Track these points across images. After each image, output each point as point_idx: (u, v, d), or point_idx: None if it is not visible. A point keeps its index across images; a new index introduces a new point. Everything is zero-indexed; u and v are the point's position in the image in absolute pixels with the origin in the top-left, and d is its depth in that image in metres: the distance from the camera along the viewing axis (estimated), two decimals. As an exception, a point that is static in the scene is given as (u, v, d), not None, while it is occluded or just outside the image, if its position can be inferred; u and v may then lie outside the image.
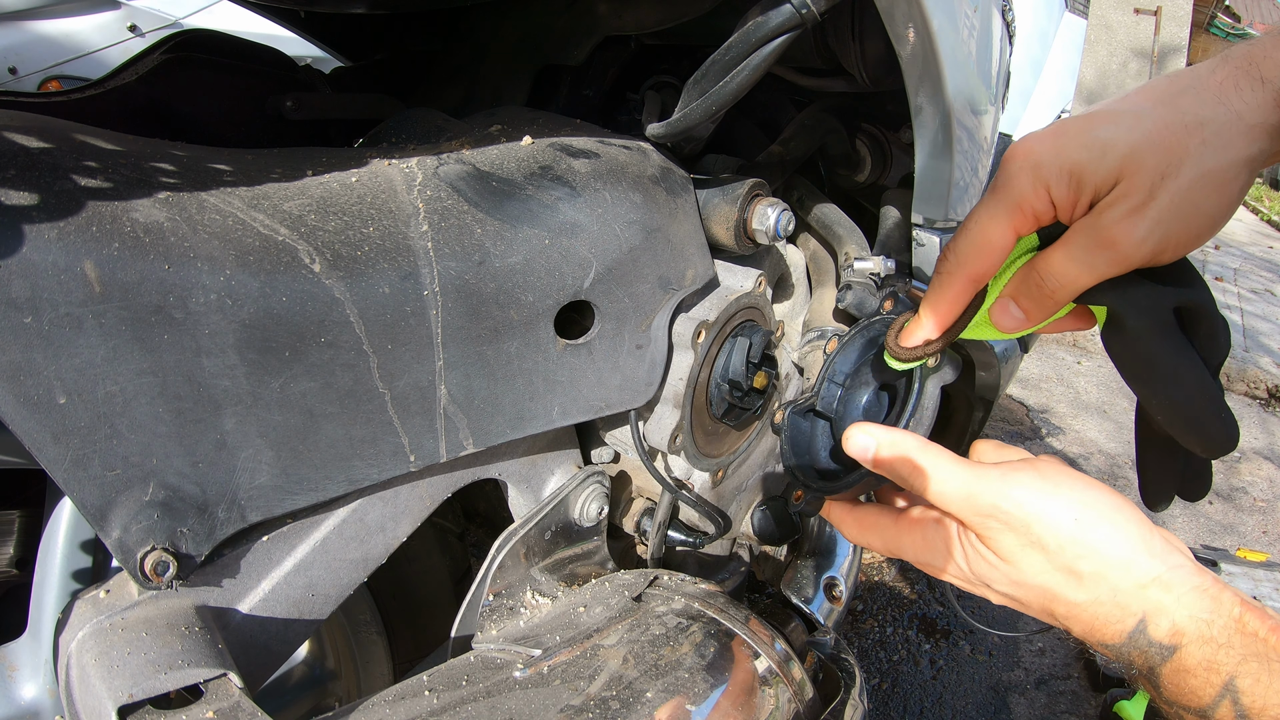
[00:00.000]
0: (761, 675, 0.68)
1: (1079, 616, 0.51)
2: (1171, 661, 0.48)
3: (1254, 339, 4.36)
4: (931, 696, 1.84)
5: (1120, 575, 0.49)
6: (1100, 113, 0.48)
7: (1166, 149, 0.45)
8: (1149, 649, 0.49)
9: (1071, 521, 0.50)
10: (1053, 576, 0.51)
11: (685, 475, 0.89)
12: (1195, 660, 0.47)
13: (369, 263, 0.56)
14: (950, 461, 0.54)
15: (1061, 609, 0.52)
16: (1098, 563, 0.50)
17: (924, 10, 0.68)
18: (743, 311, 0.84)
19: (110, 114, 0.81)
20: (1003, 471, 0.52)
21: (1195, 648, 0.47)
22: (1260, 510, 2.76)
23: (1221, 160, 0.45)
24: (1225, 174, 0.45)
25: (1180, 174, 0.45)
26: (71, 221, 0.44)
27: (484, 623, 0.72)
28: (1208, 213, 0.46)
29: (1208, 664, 0.46)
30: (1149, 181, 0.45)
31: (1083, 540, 0.50)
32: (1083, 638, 0.52)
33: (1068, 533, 0.50)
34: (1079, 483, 0.52)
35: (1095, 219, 0.47)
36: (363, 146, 0.80)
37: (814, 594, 1.01)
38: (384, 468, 0.60)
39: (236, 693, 0.51)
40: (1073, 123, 0.48)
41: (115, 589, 0.54)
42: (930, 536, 0.57)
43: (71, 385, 0.44)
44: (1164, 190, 0.45)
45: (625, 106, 1.07)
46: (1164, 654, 0.48)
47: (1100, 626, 0.50)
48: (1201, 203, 0.46)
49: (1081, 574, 0.50)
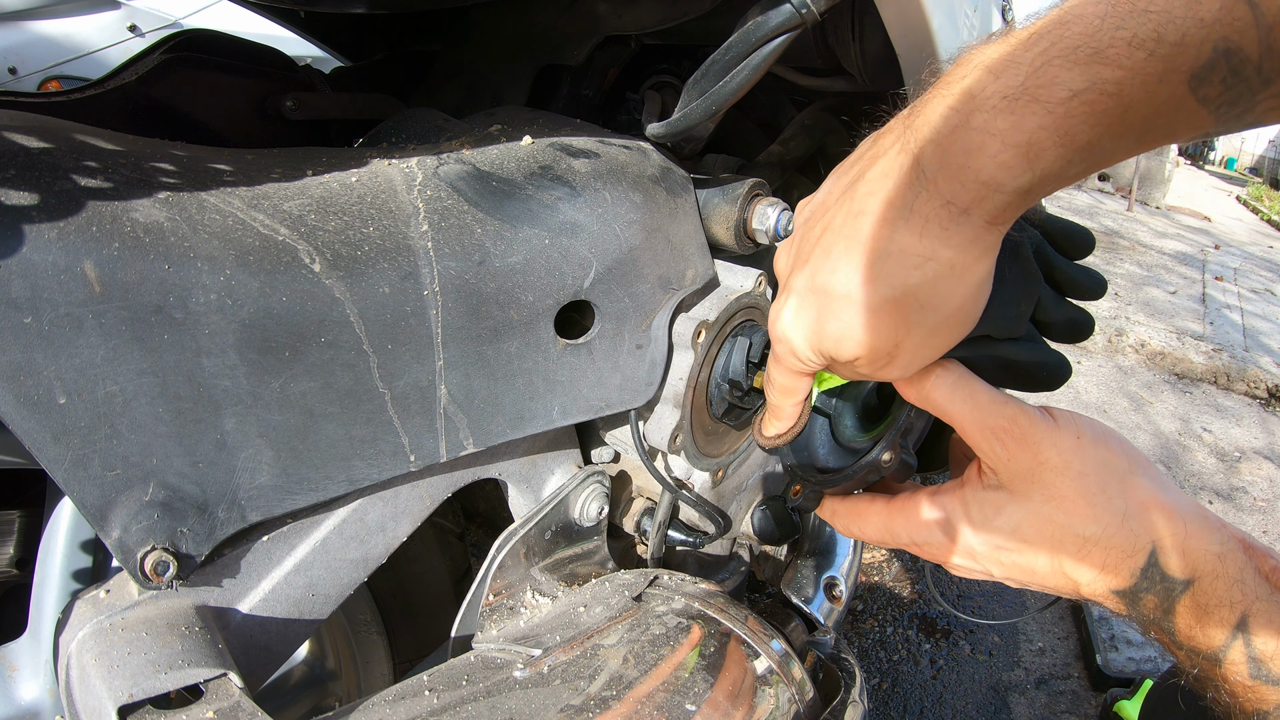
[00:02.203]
0: (761, 675, 0.68)
1: (1089, 557, 0.50)
2: (1185, 598, 0.47)
3: (1254, 339, 4.36)
4: (931, 696, 1.84)
5: (1127, 496, 0.49)
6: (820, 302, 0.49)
7: (890, 329, 0.47)
8: (1162, 586, 0.47)
9: (1074, 439, 0.50)
10: (1063, 509, 0.50)
11: (685, 475, 0.89)
12: (1209, 596, 0.46)
13: (369, 262, 0.56)
14: (973, 378, 0.54)
15: (1072, 551, 0.50)
16: (1104, 478, 0.49)
17: (924, 10, 0.68)
18: (743, 311, 0.84)
19: (110, 114, 0.81)
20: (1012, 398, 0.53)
21: (1208, 583, 0.46)
22: (1260, 510, 2.76)
23: (947, 311, 0.46)
24: (957, 316, 0.46)
25: (912, 337, 0.47)
26: (71, 221, 0.44)
27: (484, 623, 0.73)
28: (960, 332, 0.48)
29: (1221, 601, 0.46)
30: (886, 354, 0.48)
31: (1089, 456, 0.50)
32: (1091, 590, 0.51)
33: (1071, 448, 0.50)
34: (1080, 415, 0.53)
35: (859, 370, 0.51)
36: (363, 146, 0.80)
37: (814, 594, 1.01)
38: (384, 468, 0.60)
39: (236, 693, 0.51)
40: (805, 306, 0.50)
41: (115, 589, 0.54)
42: (927, 513, 0.56)
43: (71, 385, 0.44)
44: (902, 351, 0.48)
45: (625, 106, 1.07)
46: (1178, 591, 0.47)
47: (1112, 565, 0.49)
48: (947, 336, 0.48)
49: (1090, 497, 0.49)
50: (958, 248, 0.43)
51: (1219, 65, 0.34)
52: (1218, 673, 0.47)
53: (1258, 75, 0.35)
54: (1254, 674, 0.45)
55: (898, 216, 0.44)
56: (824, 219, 0.50)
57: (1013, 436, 0.51)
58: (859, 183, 0.47)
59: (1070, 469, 0.50)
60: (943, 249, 0.43)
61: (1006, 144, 0.38)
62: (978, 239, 0.43)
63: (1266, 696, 0.45)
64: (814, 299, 0.50)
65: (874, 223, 0.45)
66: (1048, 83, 0.37)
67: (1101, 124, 0.37)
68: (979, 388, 0.53)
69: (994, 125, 0.38)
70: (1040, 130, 0.37)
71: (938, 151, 0.41)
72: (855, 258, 0.46)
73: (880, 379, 0.52)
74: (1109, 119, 0.36)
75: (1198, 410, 3.51)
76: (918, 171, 0.42)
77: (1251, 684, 0.46)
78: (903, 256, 0.44)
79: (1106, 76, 0.36)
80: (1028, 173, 0.39)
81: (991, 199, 0.40)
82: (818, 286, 0.49)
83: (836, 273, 0.48)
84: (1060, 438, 0.51)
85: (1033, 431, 0.51)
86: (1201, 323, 4.51)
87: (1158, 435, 3.22)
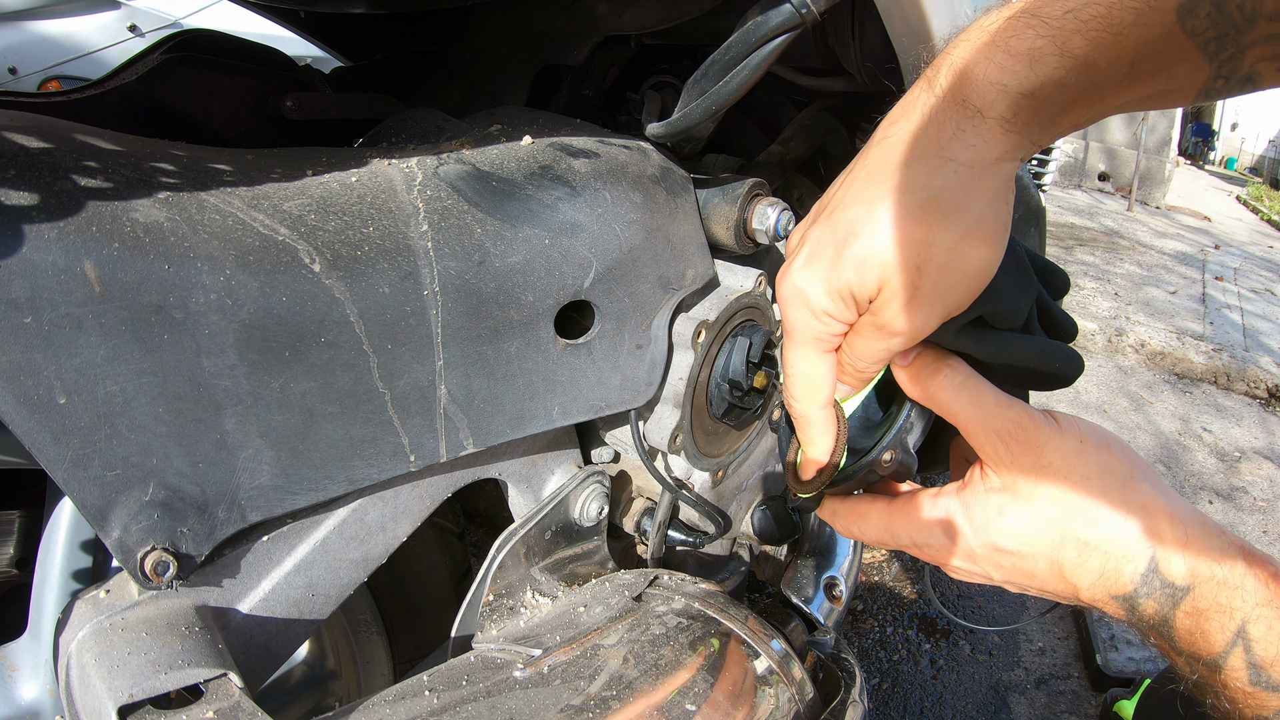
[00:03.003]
0: (761, 675, 0.68)
1: (1089, 562, 0.49)
2: (1185, 604, 0.47)
3: (1254, 339, 4.36)
4: (931, 696, 1.84)
5: (1128, 501, 0.49)
6: (845, 229, 0.48)
7: (914, 243, 0.46)
8: (1162, 592, 0.47)
9: (1077, 442, 0.50)
10: (1065, 513, 0.50)
11: (685, 475, 0.89)
12: (1208, 602, 0.46)
13: (369, 263, 0.56)
14: (980, 379, 0.54)
15: (1072, 555, 0.50)
16: (1106, 483, 0.49)
17: (923, 10, 0.68)
18: (743, 311, 0.84)
19: (110, 114, 0.81)
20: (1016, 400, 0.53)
21: (1208, 589, 0.46)
22: (1260, 510, 2.76)
23: (969, 220, 0.45)
24: (978, 228, 0.46)
25: (935, 256, 0.46)
26: (71, 221, 0.44)
27: (484, 623, 0.73)
28: (979, 266, 0.47)
29: (1221, 607, 0.46)
30: (908, 278, 0.46)
31: (1092, 460, 0.50)
32: (1090, 595, 0.50)
33: (1074, 452, 0.50)
34: (1083, 420, 0.53)
35: (875, 317, 0.49)
36: (363, 146, 0.80)
37: (814, 594, 1.01)
38: (384, 468, 0.60)
39: (236, 693, 0.51)
40: (823, 245, 0.49)
41: (115, 589, 0.54)
42: (927, 515, 0.56)
43: (71, 385, 0.44)
44: (925, 277, 0.46)
45: (625, 106, 1.07)
46: (1178, 597, 0.47)
47: (1113, 570, 0.49)
48: (968, 263, 0.47)
49: (1092, 501, 0.49)
50: (975, 149, 0.44)
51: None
52: (1217, 679, 0.47)
53: (1240, 12, 0.37)
54: (1254, 680, 0.45)
55: (920, 132, 0.46)
56: (845, 174, 0.50)
57: (1016, 439, 0.51)
58: (884, 129, 0.48)
59: (1073, 473, 0.50)
60: (961, 150, 0.44)
61: (1010, 52, 0.42)
62: (993, 142, 0.44)
63: (1266, 703, 0.46)
64: (831, 234, 0.49)
65: (897, 145, 0.46)
66: (1047, 2, 0.41)
67: (1095, 39, 0.40)
68: (985, 389, 0.53)
69: (999, 39, 0.43)
70: (1039, 40, 0.41)
71: (951, 71, 0.45)
72: (878, 178, 0.47)
73: (901, 328, 0.49)
74: (1102, 36, 0.40)
75: (1198, 410, 3.51)
76: (935, 91, 0.45)
77: (1251, 690, 0.46)
78: (924, 161, 0.45)
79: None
80: (1031, 76, 0.42)
81: (1001, 100, 0.43)
82: (836, 220, 0.49)
83: (858, 198, 0.47)
84: (1063, 441, 0.50)
85: (1037, 434, 0.51)
86: (1201, 323, 4.51)
87: (1158, 435, 3.22)
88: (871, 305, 0.49)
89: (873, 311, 0.49)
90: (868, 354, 0.52)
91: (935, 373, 0.53)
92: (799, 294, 0.50)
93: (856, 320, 0.51)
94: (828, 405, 0.55)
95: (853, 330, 0.51)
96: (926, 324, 0.49)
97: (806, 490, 0.59)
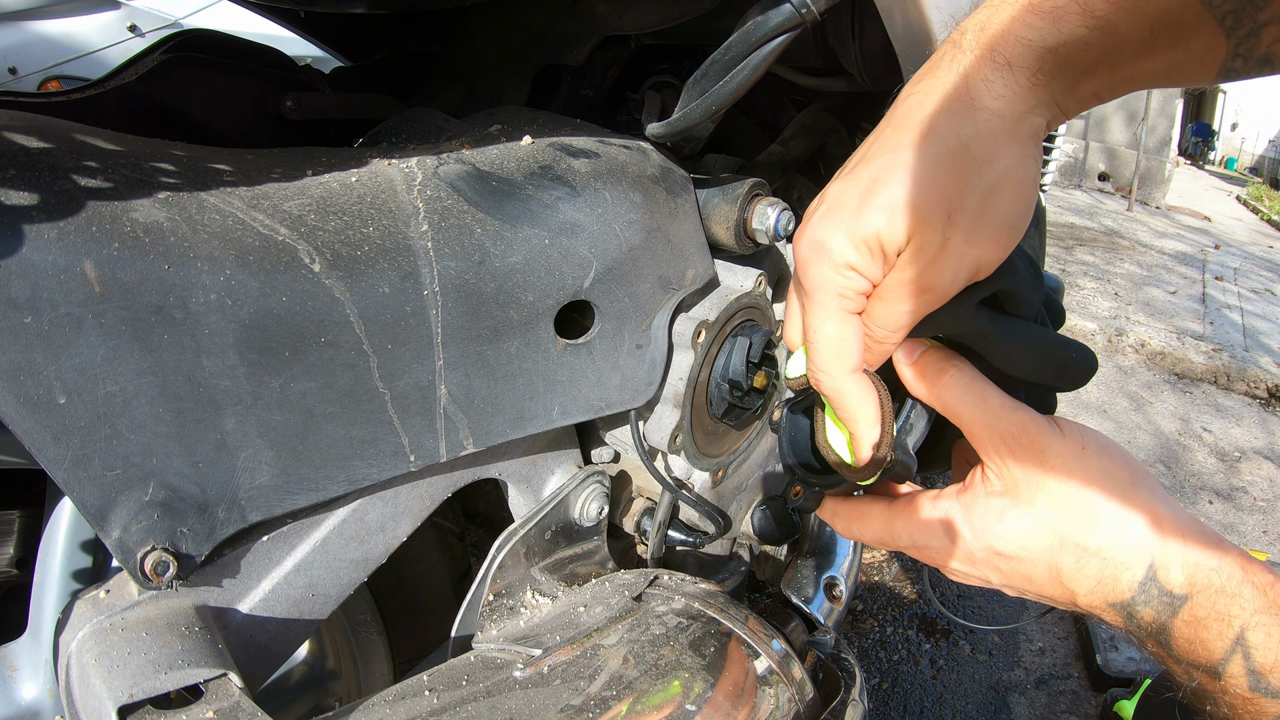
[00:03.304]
0: (761, 675, 0.68)
1: (1087, 568, 0.49)
2: (1183, 612, 0.47)
3: (1254, 339, 4.35)
4: (931, 696, 1.84)
5: (1128, 509, 0.48)
6: (869, 178, 0.47)
7: (945, 189, 0.45)
8: (1160, 600, 0.47)
9: (1079, 448, 0.50)
10: (1064, 518, 0.49)
11: (685, 475, 0.89)
12: (1207, 610, 0.46)
13: (369, 263, 0.56)
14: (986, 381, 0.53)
15: (1070, 561, 0.49)
16: (1107, 490, 0.49)
17: (923, 10, 0.68)
18: (743, 311, 0.84)
19: (110, 114, 0.81)
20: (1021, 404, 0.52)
21: (1206, 597, 0.46)
22: (1260, 510, 2.76)
23: (1000, 169, 0.45)
24: (1009, 179, 0.45)
25: (966, 205, 0.45)
26: (71, 221, 0.44)
27: (484, 623, 0.72)
28: (1009, 219, 0.46)
29: (1219, 615, 0.46)
30: (939, 227, 0.45)
31: (1093, 466, 0.50)
32: (1088, 602, 0.50)
33: (1076, 457, 0.50)
34: (1084, 426, 0.52)
35: (903, 273, 0.47)
36: (363, 146, 0.80)
37: (814, 593, 1.01)
38: (384, 468, 0.60)
39: (236, 693, 0.51)
40: (846, 196, 0.48)
41: (115, 589, 0.54)
42: (927, 516, 0.55)
43: (71, 385, 0.44)
44: (956, 228, 0.45)
45: (625, 106, 1.07)
46: (1176, 605, 0.47)
47: (1110, 577, 0.49)
48: (999, 215, 0.46)
49: (1092, 508, 0.49)
50: (1005, 99, 0.45)
51: None
52: (1216, 686, 0.47)
53: None
54: (1253, 687, 0.45)
55: (949, 86, 0.46)
56: (869, 139, 0.50)
57: (1020, 443, 0.51)
58: (908, 89, 0.48)
59: (1074, 479, 0.50)
60: (992, 100, 0.45)
61: (1036, 10, 0.43)
62: (1022, 94, 0.45)
63: (1266, 709, 0.46)
64: (855, 186, 0.47)
65: (925, 99, 0.46)
66: None
67: (1116, 1, 0.41)
68: (990, 390, 0.52)
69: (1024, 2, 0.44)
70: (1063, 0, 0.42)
71: (979, 29, 0.45)
72: (904, 129, 0.46)
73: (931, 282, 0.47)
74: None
75: (1198, 410, 3.51)
76: (962, 48, 0.46)
77: (1251, 696, 0.46)
78: (953, 112, 0.45)
79: None
80: (1055, 33, 0.43)
81: (1028, 53, 0.44)
82: (859, 173, 0.48)
83: (883, 149, 0.47)
84: (1065, 447, 0.50)
85: (1040, 439, 0.50)
86: (1201, 323, 4.51)
87: (1158, 435, 3.22)
88: (900, 259, 0.47)
89: (900, 267, 0.47)
90: (891, 319, 0.49)
91: (941, 372, 0.53)
92: (819, 248, 0.48)
93: (881, 279, 0.48)
94: (859, 370, 0.51)
95: (875, 294, 0.49)
96: (955, 280, 0.47)
97: (864, 476, 0.55)
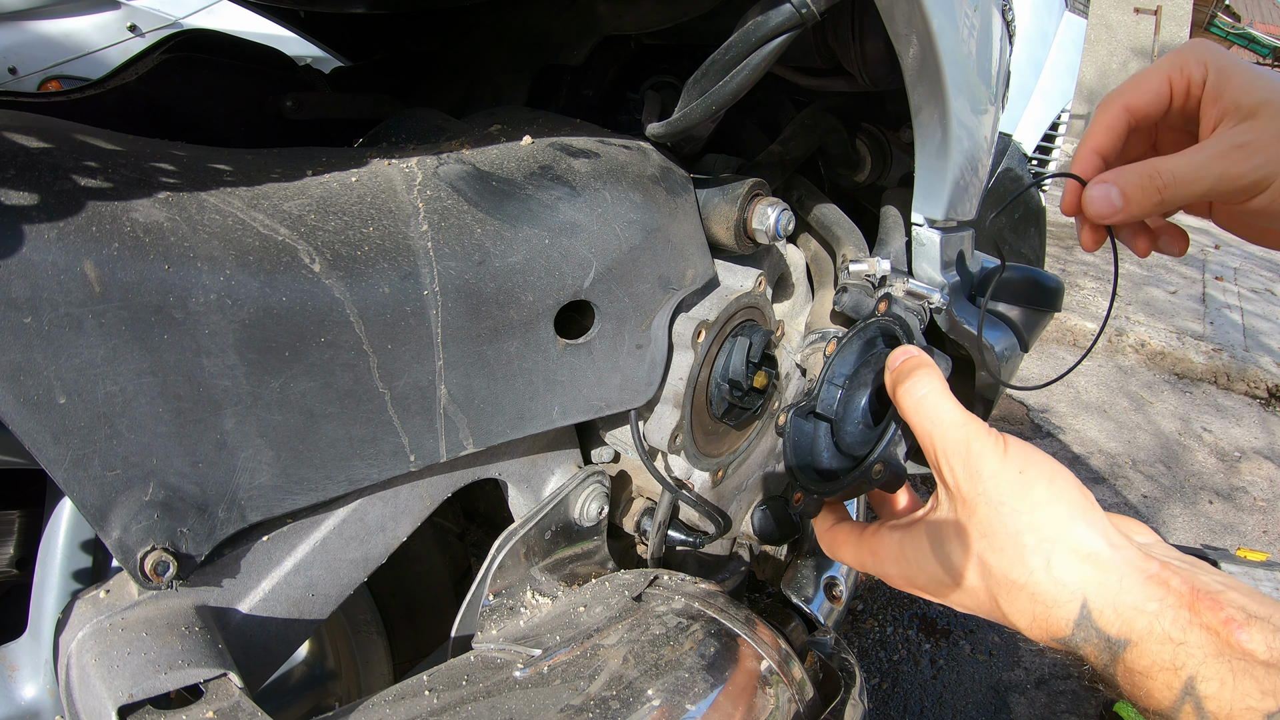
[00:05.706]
0: (761, 675, 0.68)
1: (1018, 603, 0.47)
2: (1125, 659, 0.44)
3: (1254, 339, 4.35)
4: (931, 696, 1.84)
5: (1056, 543, 0.46)
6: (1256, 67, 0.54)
7: None
8: (1100, 642, 0.45)
9: (1016, 473, 0.48)
10: (990, 548, 0.48)
11: (685, 475, 0.89)
12: (1150, 660, 0.43)
13: (369, 262, 0.56)
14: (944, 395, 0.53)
15: (1003, 594, 0.48)
16: (1036, 520, 0.47)
17: (924, 10, 0.68)
18: (743, 311, 0.84)
19: (110, 114, 0.81)
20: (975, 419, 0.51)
21: (1149, 645, 0.43)
22: (1260, 510, 2.76)
23: None
24: None
25: None
26: (71, 221, 0.44)
27: (484, 623, 0.72)
28: None
29: (1164, 664, 0.43)
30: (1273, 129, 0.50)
31: (1027, 495, 0.48)
32: (1034, 635, 0.48)
33: (1010, 483, 0.48)
34: (1033, 450, 0.51)
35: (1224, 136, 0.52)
36: (363, 146, 0.80)
37: (814, 593, 1.01)
38: (384, 468, 0.60)
39: (236, 693, 0.51)
40: (1237, 59, 0.54)
41: (115, 589, 0.54)
42: (886, 546, 0.55)
43: (71, 385, 0.44)
44: None
45: (625, 106, 1.07)
46: (1115, 649, 0.45)
47: (1043, 614, 0.47)
48: None
49: (1016, 538, 0.47)
50: None
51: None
52: None
53: None
54: None
55: None
56: None
57: (961, 460, 0.49)
58: None
59: (1004, 505, 0.48)
60: None
61: None
62: None
63: None
64: None
65: None
66: None
67: None
68: (946, 405, 0.51)
69: None
70: None
71: None
72: None
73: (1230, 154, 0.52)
74: None
75: (1198, 410, 3.51)
76: None
77: None
78: None
79: None
80: None
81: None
82: None
83: None
84: (1001, 469, 0.49)
85: (980, 460, 0.49)
86: (1201, 323, 4.51)
87: (1158, 435, 3.21)
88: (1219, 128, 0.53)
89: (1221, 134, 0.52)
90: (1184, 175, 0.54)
91: (900, 381, 0.53)
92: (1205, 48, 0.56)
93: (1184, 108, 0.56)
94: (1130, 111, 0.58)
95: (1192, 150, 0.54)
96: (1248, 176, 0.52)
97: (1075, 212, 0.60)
